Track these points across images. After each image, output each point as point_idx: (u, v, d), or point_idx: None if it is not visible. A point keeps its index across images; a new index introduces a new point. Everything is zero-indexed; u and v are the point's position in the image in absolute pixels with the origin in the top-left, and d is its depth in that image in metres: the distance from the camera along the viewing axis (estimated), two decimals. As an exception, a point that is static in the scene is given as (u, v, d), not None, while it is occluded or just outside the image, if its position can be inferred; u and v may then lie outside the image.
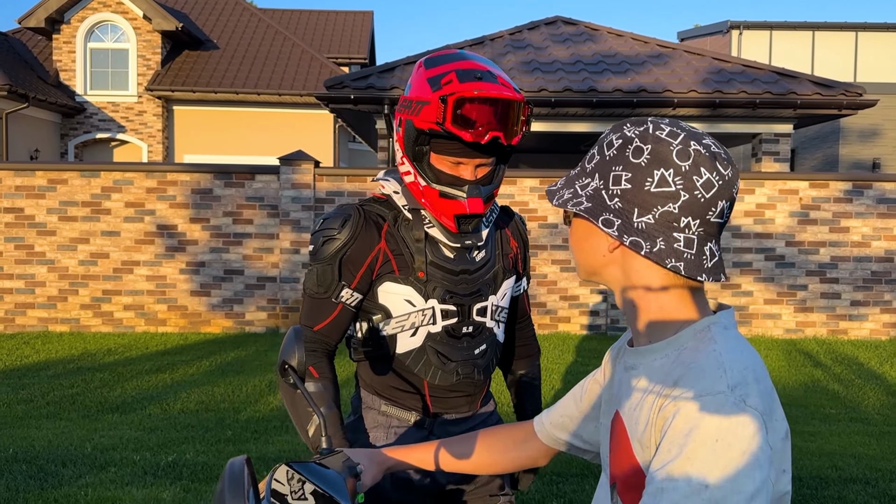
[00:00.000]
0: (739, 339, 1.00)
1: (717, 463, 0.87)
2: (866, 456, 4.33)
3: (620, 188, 0.99)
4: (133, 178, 8.59)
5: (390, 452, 1.40)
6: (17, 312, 8.66)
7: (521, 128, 1.60)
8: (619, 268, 1.04)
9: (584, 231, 1.07)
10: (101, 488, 3.70)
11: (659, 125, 0.99)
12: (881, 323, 8.70)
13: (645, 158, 0.97)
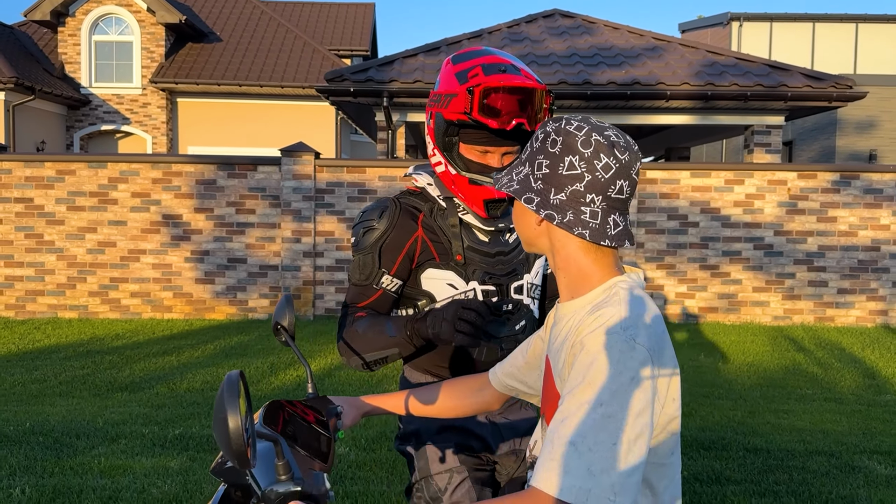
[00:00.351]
0: (640, 296, 1.24)
1: (610, 387, 1.10)
2: (834, 431, 4.58)
3: (542, 172, 1.23)
4: (139, 170, 8.84)
5: (367, 399, 1.65)
6: (28, 299, 8.93)
7: (544, 115, 1.73)
8: (547, 238, 1.28)
9: (520, 209, 1.31)
10: (112, 458, 3.96)
11: (570, 121, 1.23)
12: (867, 310, 8.92)
13: (558, 148, 1.21)
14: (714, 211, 8.85)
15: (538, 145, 1.25)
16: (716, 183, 8.83)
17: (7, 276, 8.91)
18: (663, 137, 13.80)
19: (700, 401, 5.25)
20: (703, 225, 8.85)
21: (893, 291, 8.91)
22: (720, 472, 3.80)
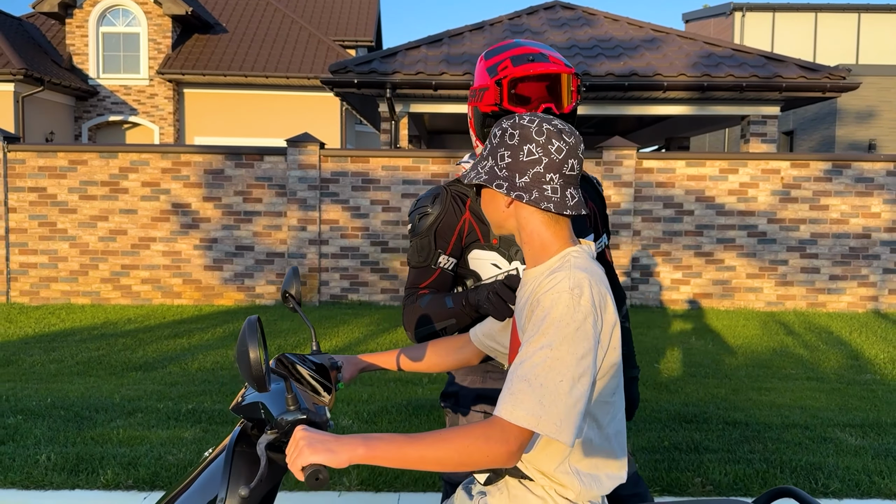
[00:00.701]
0: (588, 263, 1.48)
1: (558, 335, 1.35)
2: (812, 407, 4.82)
3: (505, 162, 1.47)
4: (149, 160, 9.10)
5: (364, 357, 1.90)
6: (42, 286, 9.22)
7: (573, 98, 1.84)
8: (514, 218, 1.52)
9: (489, 197, 1.55)
10: (130, 429, 4.23)
11: (523, 117, 1.47)
12: (858, 296, 9.14)
13: (516, 140, 1.45)
14: (709, 199, 9.06)
15: (497, 140, 1.49)
16: (710, 172, 9.04)
17: (21, 263, 9.19)
18: (663, 128, 13.99)
19: (686, 379, 5.50)
20: (698, 213, 9.07)
21: (884, 278, 9.12)
22: (699, 443, 4.05)
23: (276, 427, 1.38)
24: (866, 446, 4.05)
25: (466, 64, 10.36)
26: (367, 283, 9.16)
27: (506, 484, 1.50)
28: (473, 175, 1.52)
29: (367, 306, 8.99)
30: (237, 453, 1.48)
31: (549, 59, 1.83)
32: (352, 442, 1.26)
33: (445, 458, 1.23)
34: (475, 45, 11.02)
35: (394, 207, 9.09)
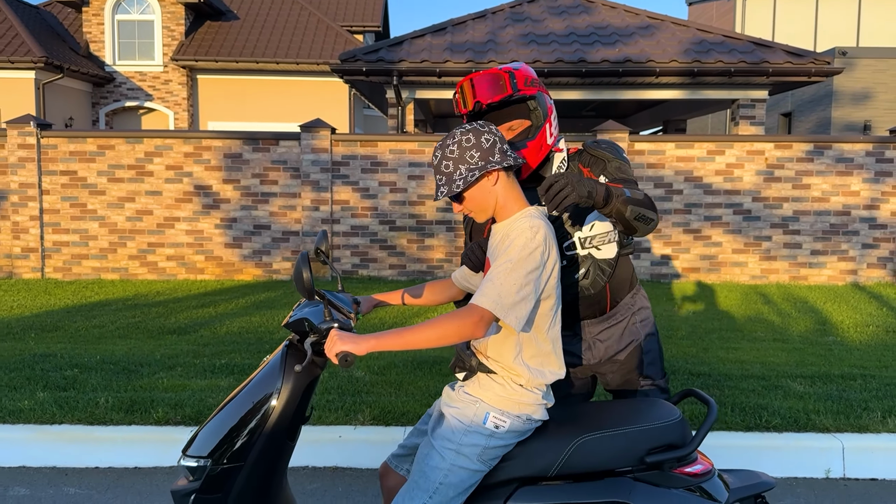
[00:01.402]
0: (543, 219, 2.08)
1: (517, 255, 1.96)
2: (771, 363, 5.43)
3: (475, 161, 2.05)
4: (172, 144, 9.73)
5: (376, 296, 2.53)
6: (74, 262, 9.90)
7: (498, 90, 2.20)
8: (493, 196, 2.12)
9: (479, 191, 2.10)
10: (172, 380, 4.89)
11: (463, 128, 2.07)
12: (838, 270, 9.71)
13: (469, 142, 2.04)
14: (697, 179, 9.63)
15: (458, 154, 2.05)
16: (699, 153, 9.60)
17: (55, 242, 9.87)
18: (661, 111, 14.51)
19: (663, 340, 6.12)
20: (687, 192, 9.65)
21: (862, 252, 9.69)
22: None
23: (317, 332, 2.01)
24: (811, 392, 4.67)
25: (469, 52, 10.92)
26: (375, 260, 9.79)
27: (477, 378, 2.12)
28: (447, 190, 2.06)
29: (375, 280, 9.63)
30: (289, 353, 2.12)
31: (488, 69, 2.33)
32: (368, 337, 1.88)
33: (433, 336, 1.86)
34: (478, 34, 11.57)
35: (400, 188, 9.71)
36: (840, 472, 3.94)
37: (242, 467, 2.05)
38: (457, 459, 1.98)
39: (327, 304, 2.02)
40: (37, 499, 3.59)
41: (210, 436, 2.08)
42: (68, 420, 4.22)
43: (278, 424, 2.07)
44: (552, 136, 2.34)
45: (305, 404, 2.14)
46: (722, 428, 4.13)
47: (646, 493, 2.08)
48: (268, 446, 2.07)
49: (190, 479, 2.09)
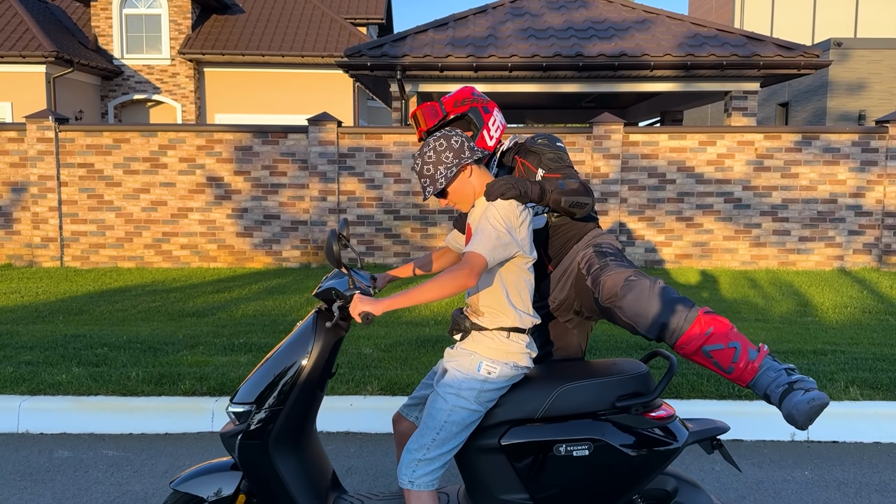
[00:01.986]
0: None
1: (495, 217, 2.36)
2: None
3: (450, 161, 2.45)
4: (185, 138, 10.13)
5: (390, 272, 2.94)
6: (91, 251, 10.33)
7: (432, 116, 2.78)
8: (471, 185, 2.52)
9: (458, 184, 2.51)
10: (195, 357, 5.32)
11: (435, 136, 2.47)
12: (825, 256, 10.10)
13: (443, 149, 2.44)
14: (689, 169, 10.01)
15: (435, 157, 2.46)
16: (691, 144, 9.97)
17: (73, 232, 10.29)
18: (657, 102, 14.86)
19: (652, 321, 6.53)
20: (680, 182, 10.03)
21: (849, 239, 10.07)
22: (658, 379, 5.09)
23: (342, 297, 2.43)
24: (783, 366, 5.08)
25: (470, 46, 11.29)
26: (381, 248, 10.20)
27: (471, 336, 2.53)
28: (431, 191, 2.48)
29: (381, 268, 10.04)
30: (318, 318, 2.54)
31: (439, 101, 2.89)
32: (383, 299, 2.30)
33: (436, 291, 2.26)
34: (478, 28, 11.93)
35: (404, 179, 10.10)
36: (804, 436, 4.35)
37: (281, 411, 2.47)
38: (458, 402, 2.40)
39: (351, 275, 2.44)
40: (79, 460, 4.02)
41: (253, 386, 2.49)
42: (103, 392, 4.65)
43: (310, 376, 2.49)
44: (492, 139, 2.87)
45: (332, 361, 2.56)
46: (698, 396, 4.54)
47: (616, 431, 2.49)
48: (302, 394, 2.49)
49: (236, 424, 2.50)
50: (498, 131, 2.89)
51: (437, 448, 2.40)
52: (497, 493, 2.52)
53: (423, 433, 2.43)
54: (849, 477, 3.82)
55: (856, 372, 4.95)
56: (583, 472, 2.45)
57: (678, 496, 2.61)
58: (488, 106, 2.90)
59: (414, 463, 2.40)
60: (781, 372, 2.47)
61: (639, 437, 2.48)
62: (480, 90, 11.71)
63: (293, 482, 2.49)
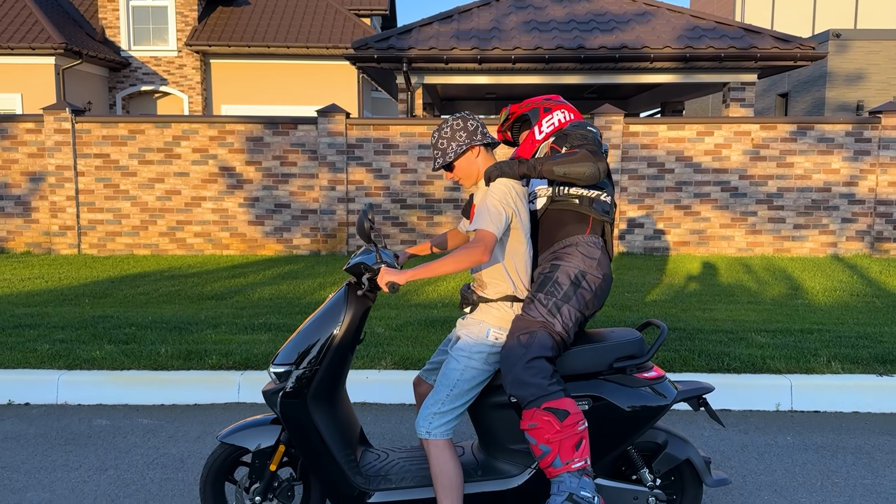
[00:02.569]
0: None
1: (494, 198, 2.69)
2: (741, 320, 6.17)
3: (460, 139, 2.78)
4: (198, 129, 10.45)
5: (408, 250, 3.26)
6: (108, 239, 10.66)
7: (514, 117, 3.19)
8: (476, 165, 2.85)
9: (465, 161, 2.85)
10: (219, 335, 5.66)
11: (454, 116, 2.80)
12: (819, 243, 10.41)
13: (459, 125, 2.77)
14: (687, 159, 10.31)
15: (450, 134, 2.79)
16: (689, 135, 10.27)
17: (90, 220, 10.63)
18: (658, 93, 15.14)
19: (648, 304, 6.86)
20: (678, 171, 10.33)
21: (842, 226, 10.38)
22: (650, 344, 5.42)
23: (370, 270, 2.75)
24: (770, 343, 5.41)
25: (474, 39, 11.57)
26: (388, 235, 10.53)
27: (479, 307, 2.86)
28: (441, 161, 2.82)
29: (388, 255, 10.37)
30: (349, 289, 2.87)
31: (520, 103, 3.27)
32: (407, 270, 2.62)
33: (453, 266, 2.58)
34: (482, 21, 12.21)
35: (411, 169, 10.42)
36: (788, 406, 4.68)
37: (317, 371, 2.80)
38: (469, 362, 2.73)
39: (378, 251, 2.77)
40: (116, 427, 4.37)
41: (292, 350, 2.82)
42: (135, 366, 4.99)
43: (343, 340, 2.82)
44: (541, 133, 3.08)
45: (361, 329, 2.89)
46: (689, 370, 4.88)
47: (613, 389, 2.82)
48: (335, 357, 2.82)
49: (277, 383, 2.83)
50: (550, 128, 3.05)
51: (451, 402, 2.73)
52: (507, 443, 2.86)
53: (438, 390, 2.76)
54: (827, 441, 4.15)
55: (839, 348, 5.28)
56: None
57: (668, 448, 2.94)
58: (553, 107, 3.10)
59: (431, 416, 2.73)
60: (590, 498, 2.58)
61: (632, 394, 2.81)
62: (484, 82, 12.02)
63: (328, 434, 2.82)
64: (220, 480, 2.94)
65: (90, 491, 3.50)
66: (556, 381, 2.66)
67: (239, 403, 4.76)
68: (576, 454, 2.60)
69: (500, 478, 2.84)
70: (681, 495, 2.99)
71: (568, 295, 2.76)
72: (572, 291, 2.77)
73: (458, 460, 2.73)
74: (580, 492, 2.58)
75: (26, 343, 5.44)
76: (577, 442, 2.60)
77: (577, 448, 2.60)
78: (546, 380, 2.64)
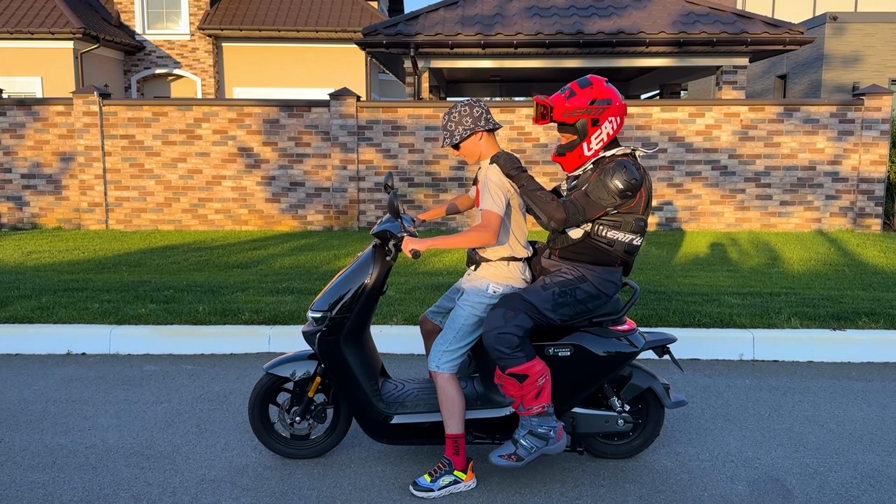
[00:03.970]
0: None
1: (492, 181, 3.33)
2: (717, 285, 6.81)
3: (466, 124, 3.40)
4: (218, 112, 11.09)
5: (421, 216, 3.91)
6: (134, 216, 11.35)
7: (540, 116, 3.46)
8: (479, 147, 3.49)
9: (469, 143, 3.46)
10: (248, 297, 6.34)
11: (463, 101, 3.43)
12: (804, 219, 11.02)
13: (466, 111, 3.40)
14: (679, 139, 10.90)
15: (458, 118, 3.41)
16: (681, 116, 10.86)
17: (117, 198, 11.31)
18: (657, 76, 15.67)
19: (636, 272, 7.50)
20: (671, 151, 10.93)
21: (826, 203, 10.97)
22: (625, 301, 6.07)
23: (395, 238, 3.40)
24: (740, 303, 6.06)
25: (478, 24, 12.14)
26: (397, 212, 11.18)
27: (481, 266, 3.52)
28: (449, 140, 3.45)
29: (397, 230, 11.04)
30: (376, 250, 3.53)
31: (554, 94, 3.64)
32: (427, 239, 3.27)
33: (465, 243, 3.21)
34: (486, 7, 12.76)
35: (418, 149, 11.05)
36: (750, 356, 5.34)
37: (349, 317, 3.46)
38: (472, 310, 3.38)
39: (402, 222, 3.41)
40: (165, 372, 5.06)
41: (328, 298, 3.47)
42: (177, 322, 5.68)
43: (371, 292, 3.48)
44: (590, 150, 3.28)
45: (384, 282, 3.54)
46: (664, 325, 5.53)
47: (591, 339, 3.46)
48: (365, 304, 3.47)
49: (314, 325, 3.49)
50: (599, 143, 3.25)
51: (456, 343, 3.38)
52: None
53: (446, 332, 3.41)
54: (780, 384, 4.81)
55: (801, 308, 5.93)
56: (566, 368, 3.42)
57: (632, 379, 3.59)
58: (600, 117, 3.23)
59: (440, 353, 3.39)
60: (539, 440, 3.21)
61: (607, 343, 3.45)
62: (488, 66, 12.60)
63: (357, 367, 3.49)
64: (265, 403, 3.62)
65: (150, 418, 4.19)
66: (520, 350, 3.20)
67: (269, 353, 5.45)
68: (535, 402, 3.22)
69: (495, 407, 3.50)
70: (645, 418, 3.65)
71: (572, 305, 3.30)
72: (577, 303, 3.31)
73: (461, 390, 3.37)
74: (537, 428, 3.24)
75: (77, 303, 6.13)
76: (537, 393, 3.22)
77: (537, 398, 3.22)
78: (510, 349, 3.15)
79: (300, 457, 3.62)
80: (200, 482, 3.38)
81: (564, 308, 3.28)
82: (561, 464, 3.60)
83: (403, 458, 3.68)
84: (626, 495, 3.26)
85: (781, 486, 3.36)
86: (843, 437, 3.91)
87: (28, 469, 3.50)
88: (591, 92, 3.25)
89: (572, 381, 3.42)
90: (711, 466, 3.56)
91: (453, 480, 3.28)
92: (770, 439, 3.88)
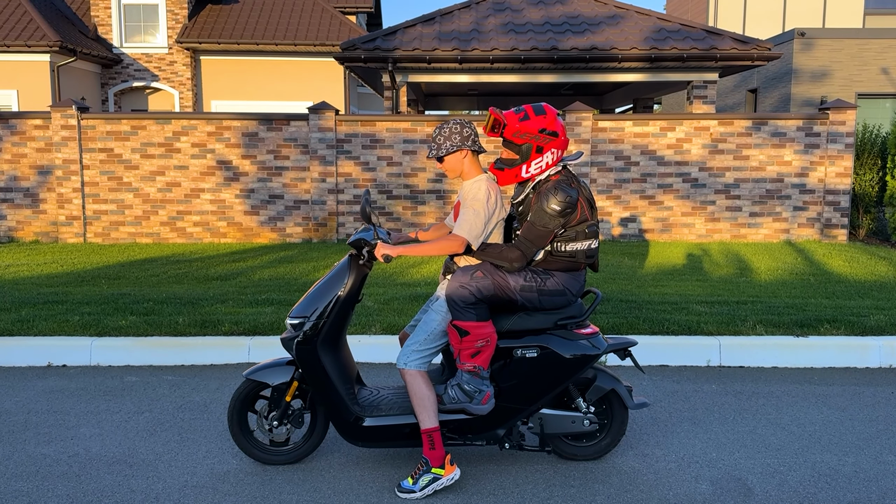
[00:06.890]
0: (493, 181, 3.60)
1: (476, 203, 3.48)
2: (687, 294, 7.01)
3: (454, 139, 3.57)
4: (197, 125, 11.16)
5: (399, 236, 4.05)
6: (112, 228, 11.37)
7: (494, 131, 3.68)
8: (461, 164, 3.64)
9: (454, 159, 3.61)
10: (227, 308, 6.42)
11: (455, 120, 3.59)
12: (773, 229, 11.30)
13: (456, 129, 3.56)
14: (651, 152, 11.16)
15: (448, 133, 3.58)
16: (653, 130, 11.11)
17: (95, 211, 11.33)
18: (630, 90, 15.99)
19: (606, 281, 7.69)
20: (643, 164, 11.17)
21: (794, 214, 11.27)
22: (599, 311, 6.25)
23: (369, 245, 3.54)
24: (708, 311, 6.25)
25: (455, 40, 12.34)
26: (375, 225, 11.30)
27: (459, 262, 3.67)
28: (435, 152, 3.60)
29: (376, 242, 11.16)
30: (352, 259, 3.66)
31: (509, 111, 3.86)
32: (398, 246, 3.41)
33: (435, 252, 3.36)
34: (463, 23, 12.98)
35: (396, 162, 11.19)
36: (717, 362, 5.53)
37: (326, 322, 3.58)
38: (446, 316, 3.53)
39: (375, 229, 3.55)
40: (145, 382, 5.13)
41: (306, 305, 3.60)
42: (157, 333, 5.75)
43: (346, 299, 3.60)
44: (527, 173, 3.51)
45: (360, 290, 3.67)
46: (633, 332, 5.70)
47: (556, 341, 3.62)
48: (340, 312, 3.60)
49: (292, 332, 3.61)
50: (538, 169, 3.49)
51: (427, 343, 3.52)
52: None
53: (418, 334, 3.54)
54: (746, 388, 4.99)
55: (766, 315, 6.13)
56: (533, 369, 3.57)
57: (597, 381, 3.75)
58: (545, 146, 3.46)
59: (409, 352, 3.52)
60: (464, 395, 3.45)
61: (572, 344, 3.60)
62: (465, 80, 12.80)
63: (332, 371, 3.61)
64: (244, 410, 3.72)
65: (132, 427, 4.27)
66: (472, 309, 3.41)
67: (250, 363, 5.54)
68: (469, 361, 3.43)
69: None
70: (610, 419, 3.80)
71: (536, 293, 3.49)
72: (540, 293, 3.51)
73: (431, 385, 3.51)
74: (465, 385, 3.45)
75: (57, 315, 6.18)
76: (474, 353, 3.42)
77: (473, 357, 3.43)
78: (463, 304, 3.38)
79: (279, 463, 3.73)
80: (183, 488, 3.47)
81: (529, 293, 3.48)
82: (533, 465, 3.74)
83: (382, 462, 3.80)
84: (595, 495, 3.41)
85: (743, 484, 3.52)
86: (803, 438, 4.09)
87: (11, 478, 3.57)
88: (543, 121, 3.47)
89: (539, 382, 3.57)
90: (677, 467, 3.72)
91: (433, 478, 3.40)
92: (734, 441, 4.05)
